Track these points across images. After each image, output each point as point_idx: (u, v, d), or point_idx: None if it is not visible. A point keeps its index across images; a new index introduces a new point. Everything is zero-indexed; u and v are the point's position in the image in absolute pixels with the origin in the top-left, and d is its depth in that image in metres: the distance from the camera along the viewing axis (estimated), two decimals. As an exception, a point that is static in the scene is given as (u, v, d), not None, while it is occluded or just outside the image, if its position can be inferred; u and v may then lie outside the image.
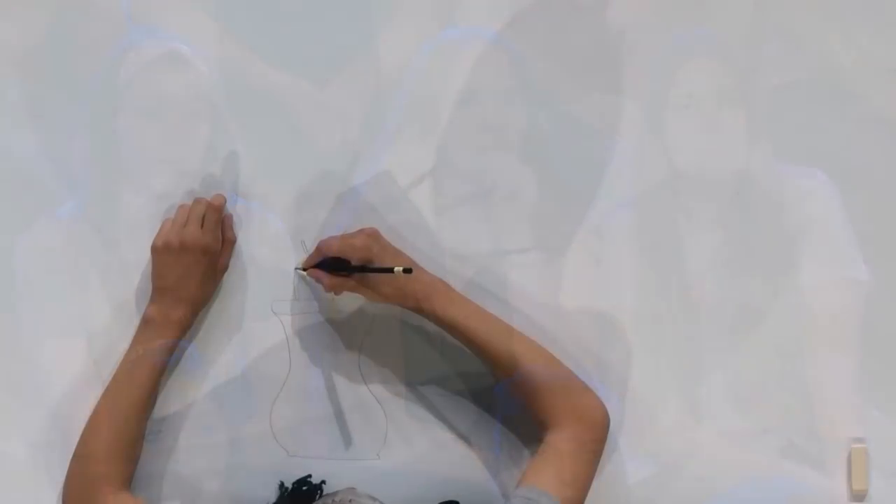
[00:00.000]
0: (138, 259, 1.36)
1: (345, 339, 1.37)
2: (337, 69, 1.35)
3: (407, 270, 1.26)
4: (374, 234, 1.30)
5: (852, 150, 1.33)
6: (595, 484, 1.35)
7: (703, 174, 1.35)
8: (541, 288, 1.36)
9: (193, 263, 1.31)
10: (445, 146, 1.36)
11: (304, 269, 1.34)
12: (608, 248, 1.36)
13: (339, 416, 1.38)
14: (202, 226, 1.32)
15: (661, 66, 1.34)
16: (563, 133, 1.35)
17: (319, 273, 1.31)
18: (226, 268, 1.36)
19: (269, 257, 1.36)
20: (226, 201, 1.35)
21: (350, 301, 1.36)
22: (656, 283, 1.36)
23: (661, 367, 1.36)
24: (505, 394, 1.32)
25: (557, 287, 1.36)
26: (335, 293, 1.33)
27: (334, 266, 1.30)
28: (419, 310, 1.30)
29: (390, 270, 1.26)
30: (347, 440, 1.38)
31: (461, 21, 1.34)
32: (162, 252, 1.32)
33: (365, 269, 1.28)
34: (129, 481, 1.30)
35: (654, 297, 1.36)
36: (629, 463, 1.37)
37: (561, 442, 1.25)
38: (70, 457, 1.31)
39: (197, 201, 1.33)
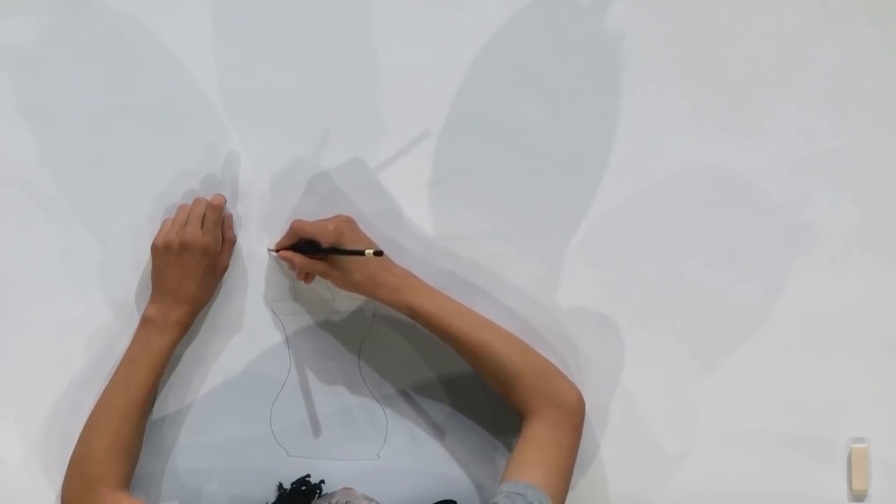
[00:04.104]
0: (138, 259, 1.36)
1: (344, 339, 1.37)
2: (336, 69, 1.35)
3: (377, 253, 1.26)
4: (348, 221, 1.31)
5: (852, 151, 1.33)
6: (592, 484, 1.37)
7: (703, 174, 1.35)
8: (536, 288, 1.36)
9: (193, 263, 1.31)
10: (443, 145, 1.36)
11: (277, 251, 1.34)
12: (606, 247, 1.36)
13: (339, 416, 1.38)
14: (202, 226, 1.32)
15: (660, 66, 1.34)
16: (562, 133, 1.35)
17: (290, 254, 1.31)
18: (226, 268, 1.36)
19: (269, 257, 1.36)
20: (226, 201, 1.35)
21: (350, 301, 1.36)
22: (655, 283, 1.36)
23: (660, 368, 1.36)
24: (481, 386, 1.33)
25: (555, 288, 1.36)
26: (305, 280, 1.33)
27: (306, 249, 1.30)
28: (388, 300, 1.30)
29: (361, 253, 1.26)
30: (347, 440, 1.38)
31: (461, 20, 1.34)
32: (162, 252, 1.32)
33: (336, 250, 1.28)
34: (127, 481, 1.30)
35: (653, 297, 1.36)
36: (627, 463, 1.37)
37: (540, 431, 1.25)
38: (69, 457, 1.30)
39: (197, 201, 1.33)
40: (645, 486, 1.37)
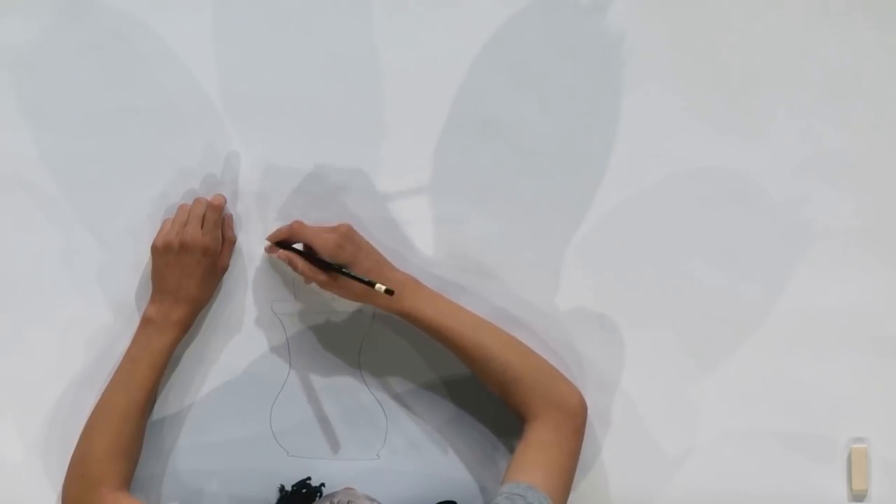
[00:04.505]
0: (138, 259, 1.36)
1: (344, 339, 1.37)
2: (336, 69, 1.35)
3: (388, 291, 1.25)
4: (347, 233, 1.30)
5: (852, 151, 1.33)
6: (593, 485, 1.36)
7: (703, 174, 1.35)
8: (536, 288, 1.36)
9: (193, 263, 1.31)
10: (443, 145, 1.36)
11: (272, 244, 1.32)
12: (606, 248, 1.36)
13: (339, 416, 1.38)
14: (202, 226, 1.32)
15: (660, 66, 1.34)
16: (563, 133, 1.35)
17: (293, 256, 1.30)
18: (226, 268, 1.36)
19: (269, 257, 1.36)
20: (226, 201, 1.35)
21: (350, 301, 1.36)
22: (655, 283, 1.36)
23: (661, 368, 1.36)
24: (482, 387, 1.33)
25: (555, 288, 1.36)
26: (305, 282, 1.32)
27: (313, 259, 1.29)
28: (387, 307, 1.30)
29: (371, 285, 1.26)
30: (347, 440, 1.38)
31: (461, 20, 1.34)
32: (162, 252, 1.32)
33: (344, 271, 1.27)
34: (128, 482, 1.30)
35: (653, 297, 1.36)
36: (628, 464, 1.37)
37: (542, 433, 1.25)
38: (69, 457, 1.31)
39: (197, 201, 1.33)
40: (646, 487, 1.37)
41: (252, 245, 1.37)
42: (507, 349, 1.29)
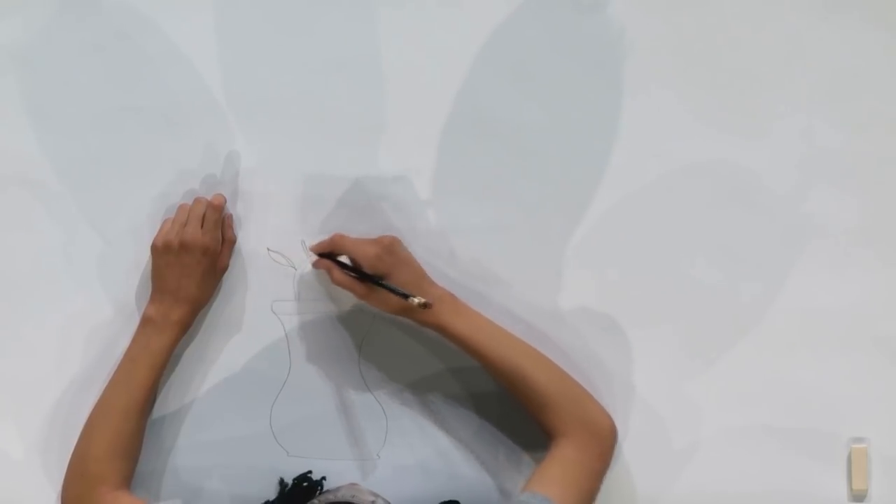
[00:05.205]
0: (138, 259, 1.36)
1: (345, 339, 1.37)
2: (337, 69, 1.35)
3: (424, 305, 1.24)
4: (390, 246, 1.29)
5: (852, 151, 1.33)
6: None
7: (703, 173, 1.35)
8: (537, 288, 1.36)
9: (193, 263, 1.31)
10: (444, 144, 1.36)
11: (317, 255, 1.32)
12: (607, 247, 1.36)
13: (339, 415, 1.38)
14: (202, 226, 1.32)
15: (661, 65, 1.34)
16: (563, 132, 1.35)
17: (329, 264, 1.30)
18: (226, 268, 1.36)
19: (269, 257, 1.36)
20: (226, 201, 1.35)
21: (350, 300, 1.36)
22: (656, 282, 1.36)
23: (661, 367, 1.36)
24: (512, 403, 1.32)
25: (556, 288, 1.36)
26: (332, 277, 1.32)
27: (348, 267, 1.29)
28: (426, 323, 1.29)
29: (405, 297, 1.25)
30: (347, 440, 1.38)
31: (461, 20, 1.34)
32: (162, 252, 1.32)
33: (380, 282, 1.27)
34: (128, 481, 1.30)
35: (653, 296, 1.36)
36: (628, 462, 1.37)
37: (567, 451, 1.25)
38: (69, 456, 1.31)
39: (197, 201, 1.34)
40: (645, 487, 1.37)
41: (252, 245, 1.37)
42: (541, 369, 1.29)
